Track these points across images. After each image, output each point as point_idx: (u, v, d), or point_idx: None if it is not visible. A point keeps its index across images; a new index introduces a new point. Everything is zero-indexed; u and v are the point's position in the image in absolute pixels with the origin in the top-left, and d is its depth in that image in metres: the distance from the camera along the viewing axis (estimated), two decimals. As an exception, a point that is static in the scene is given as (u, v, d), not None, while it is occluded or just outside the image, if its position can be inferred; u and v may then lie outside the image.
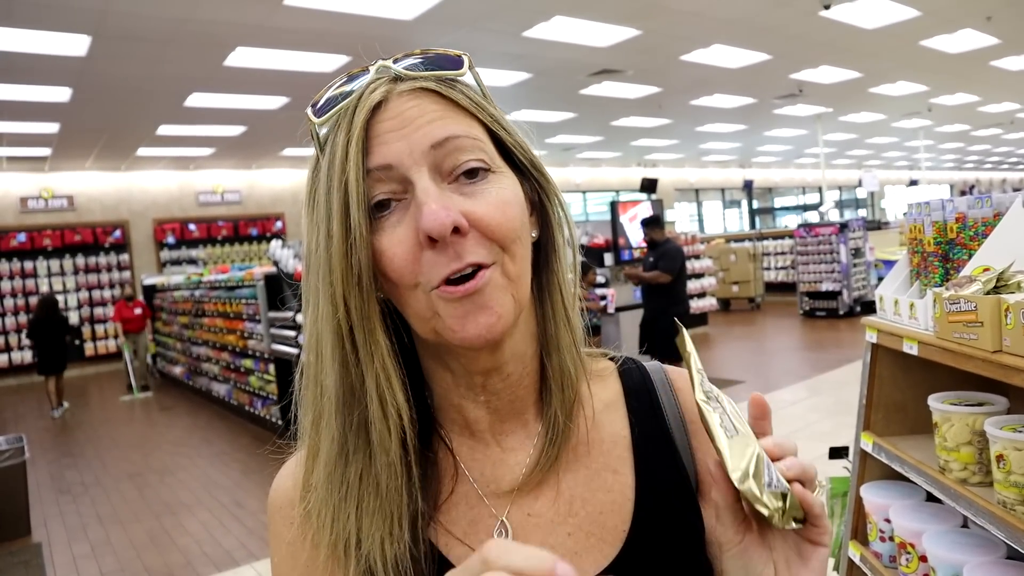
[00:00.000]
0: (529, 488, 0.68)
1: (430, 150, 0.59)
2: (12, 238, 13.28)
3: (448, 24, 7.55)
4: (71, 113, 9.57)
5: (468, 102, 0.63)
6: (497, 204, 0.60)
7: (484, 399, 0.68)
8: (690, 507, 0.70)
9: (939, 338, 1.59)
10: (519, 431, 0.70)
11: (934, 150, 25.00)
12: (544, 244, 0.70)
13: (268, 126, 11.48)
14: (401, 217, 0.60)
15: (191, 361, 10.68)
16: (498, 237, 0.60)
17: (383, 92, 0.61)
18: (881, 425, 2.05)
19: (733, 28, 8.71)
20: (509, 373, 0.67)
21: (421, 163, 0.59)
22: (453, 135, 0.60)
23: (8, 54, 7.06)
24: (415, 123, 0.60)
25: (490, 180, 0.61)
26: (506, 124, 0.66)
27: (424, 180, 0.58)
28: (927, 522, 1.75)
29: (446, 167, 0.60)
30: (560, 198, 0.70)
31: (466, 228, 0.58)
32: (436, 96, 0.62)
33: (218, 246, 15.47)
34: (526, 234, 0.64)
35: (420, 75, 0.62)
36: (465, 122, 0.62)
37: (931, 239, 1.77)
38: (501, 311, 0.60)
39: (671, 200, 22.43)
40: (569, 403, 0.69)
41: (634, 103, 12.65)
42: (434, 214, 0.56)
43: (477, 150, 0.61)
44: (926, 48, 10.42)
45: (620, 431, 0.72)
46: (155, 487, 6.08)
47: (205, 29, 6.99)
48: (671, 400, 0.75)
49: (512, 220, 0.61)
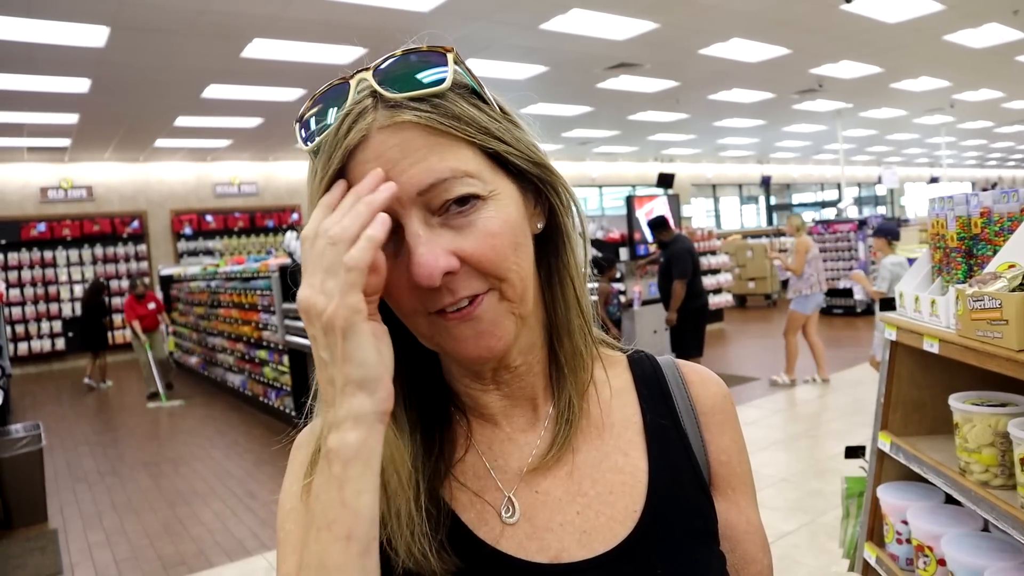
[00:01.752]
0: (542, 468, 0.69)
1: (416, 196, 0.58)
2: (32, 228, 13.42)
3: (464, 16, 7.52)
4: (90, 104, 9.64)
5: (453, 125, 0.59)
6: (486, 238, 0.59)
7: (494, 388, 0.70)
8: (702, 495, 0.71)
9: (961, 336, 1.55)
10: (529, 414, 0.71)
11: (956, 147, 24.68)
12: (552, 232, 0.69)
13: (285, 118, 11.51)
14: (397, 249, 0.59)
15: (206, 352, 10.76)
16: (490, 271, 0.60)
17: (360, 130, 0.58)
18: (899, 424, 2.01)
19: (752, 21, 8.61)
20: (517, 365, 0.69)
21: (408, 207, 0.58)
22: (439, 179, 0.58)
23: (29, 45, 7.12)
24: (399, 166, 0.58)
25: (479, 209, 0.60)
26: (499, 132, 0.62)
27: (414, 224, 0.58)
28: (946, 525, 1.72)
29: (434, 204, 0.59)
30: (566, 186, 0.69)
31: (457, 269, 0.59)
32: (419, 129, 0.58)
33: (235, 237, 15.56)
34: (523, 251, 0.63)
35: (398, 100, 0.59)
36: (451, 153, 0.59)
37: (954, 234, 1.73)
38: (501, 333, 0.62)
39: (688, 195, 22.30)
40: (583, 386, 0.71)
41: (651, 97, 12.57)
42: (423, 267, 0.57)
43: (466, 186, 0.59)
44: (950, 43, 10.26)
45: (631, 416, 0.74)
46: (169, 476, 6.13)
47: (222, 20, 7.01)
48: (682, 392, 0.76)
49: (501, 251, 0.60)
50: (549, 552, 0.66)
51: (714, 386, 0.78)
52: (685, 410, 0.75)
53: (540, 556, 0.65)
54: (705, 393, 0.77)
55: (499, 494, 0.68)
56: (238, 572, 4.19)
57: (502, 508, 0.67)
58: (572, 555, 0.65)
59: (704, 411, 0.75)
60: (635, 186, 21.29)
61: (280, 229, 15.89)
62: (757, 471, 4.54)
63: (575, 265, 0.70)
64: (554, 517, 0.67)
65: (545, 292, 0.70)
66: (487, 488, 0.68)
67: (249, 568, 4.22)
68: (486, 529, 0.66)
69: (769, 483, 4.89)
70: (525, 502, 0.68)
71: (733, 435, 0.76)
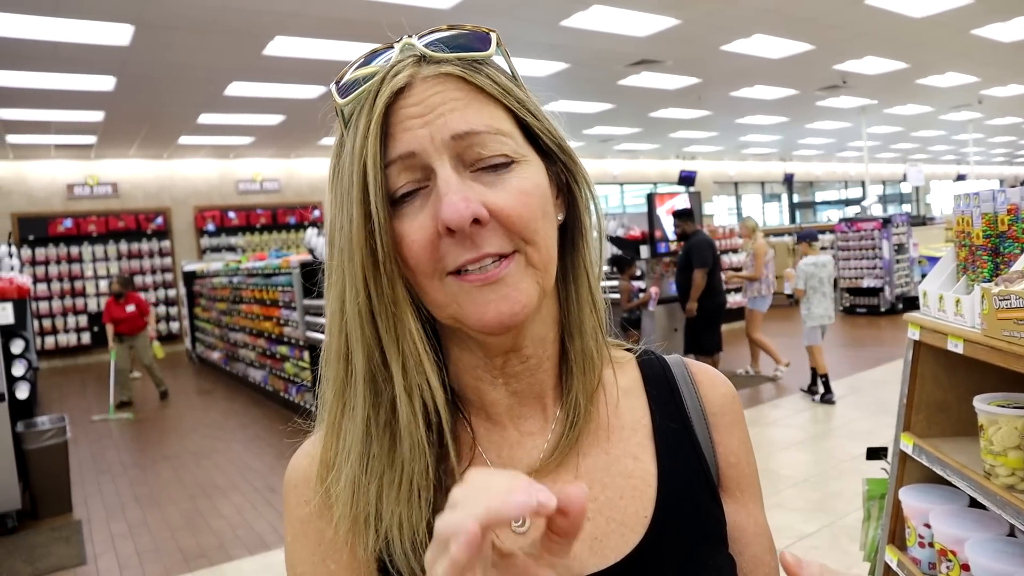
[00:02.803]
0: (547, 472, 0.67)
1: (451, 140, 0.58)
2: (59, 223, 13.62)
3: (485, 13, 7.51)
4: (115, 101, 9.76)
5: (493, 87, 0.61)
6: (518, 195, 0.59)
7: (503, 381, 0.67)
8: (712, 498, 0.70)
9: (987, 336, 1.52)
10: (537, 415, 0.69)
11: (983, 144, 24.27)
12: (571, 227, 0.69)
13: (306, 115, 11.58)
14: (423, 203, 0.59)
15: (228, 347, 10.86)
16: (518, 228, 0.59)
17: (407, 76, 0.60)
18: (922, 426, 1.98)
19: (775, 17, 8.52)
20: (528, 356, 0.67)
21: (443, 152, 0.58)
22: (474, 130, 0.59)
23: (56, 44, 7.22)
24: (437, 110, 0.59)
25: (512, 170, 0.60)
26: (533, 108, 0.64)
27: (445, 169, 0.58)
28: (970, 529, 1.69)
29: (468, 157, 0.59)
30: (588, 181, 0.69)
31: (486, 219, 0.58)
32: (460, 82, 0.60)
33: (257, 234, 15.69)
34: (549, 222, 0.63)
35: (444, 57, 0.61)
36: (488, 110, 0.61)
37: (980, 232, 1.69)
38: (524, 299, 0.60)
39: (709, 193, 22.14)
40: (591, 387, 0.69)
41: (673, 94, 12.48)
42: (453, 205, 0.56)
43: (499, 143, 0.60)
44: (978, 37, 10.08)
45: (640, 418, 0.72)
46: (191, 469, 6.19)
47: (244, 18, 7.07)
48: (691, 392, 0.75)
49: (532, 211, 0.60)
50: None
51: (723, 387, 0.77)
52: (694, 410, 0.74)
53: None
54: (714, 394, 0.76)
55: None
56: (258, 566, 4.22)
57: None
58: (584, 563, 0.64)
59: (713, 411, 0.74)
60: (656, 184, 21.18)
61: (302, 225, 16.00)
62: (777, 472, 4.48)
63: (591, 262, 0.69)
64: None
65: (560, 288, 0.68)
66: None
67: (268, 562, 4.25)
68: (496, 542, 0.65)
69: (789, 484, 4.84)
70: None
71: (741, 436, 0.76)
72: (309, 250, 7.52)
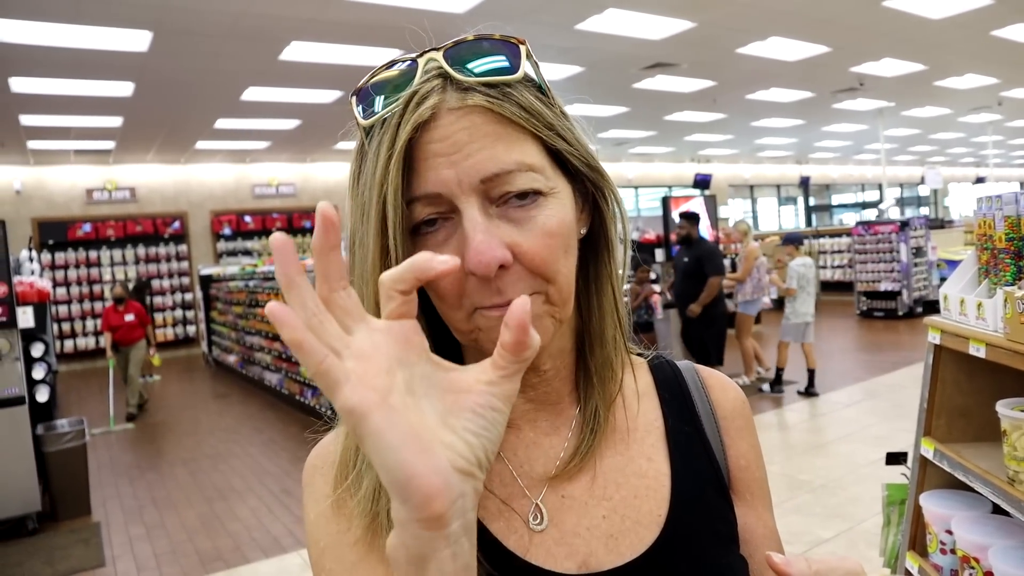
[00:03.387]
0: (567, 475, 0.68)
1: (479, 184, 0.57)
2: (79, 228, 13.78)
3: (500, 17, 7.52)
4: (134, 107, 9.86)
5: (523, 118, 0.59)
6: (543, 237, 0.59)
7: (520, 391, 0.66)
8: (724, 500, 0.72)
9: (1009, 340, 1.50)
10: (553, 418, 0.70)
11: (1003, 146, 24.00)
12: (596, 238, 0.69)
13: (322, 120, 11.65)
14: (448, 237, 0.58)
15: (244, 350, 10.92)
16: (541, 271, 0.59)
17: (431, 107, 0.57)
18: (943, 431, 1.96)
19: (791, 19, 8.47)
20: (546, 370, 0.68)
21: (470, 193, 0.57)
22: (503, 170, 0.57)
23: (76, 50, 7.31)
24: (465, 149, 0.57)
25: (540, 205, 0.59)
26: (562, 131, 0.62)
27: (472, 211, 0.57)
28: (993, 536, 1.66)
29: (495, 194, 0.58)
30: (616, 194, 0.68)
31: (510, 263, 0.57)
32: (488, 115, 0.58)
33: (272, 238, 15.78)
34: (571, 256, 0.63)
35: (471, 83, 0.58)
36: (517, 145, 0.58)
37: (1002, 235, 1.67)
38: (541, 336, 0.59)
39: (725, 196, 22.04)
40: (611, 397, 0.70)
41: (688, 97, 12.44)
42: (479, 255, 0.55)
43: (529, 180, 0.58)
44: (997, 38, 9.97)
45: (653, 420, 0.73)
46: (207, 472, 6.23)
47: (260, 24, 7.12)
48: (702, 396, 0.76)
49: (555, 252, 0.59)
50: (577, 558, 0.65)
51: (733, 391, 0.78)
52: (705, 414, 0.75)
53: (569, 562, 0.65)
54: (725, 398, 0.77)
55: (526, 501, 0.67)
56: (274, 569, 4.24)
57: (530, 515, 0.66)
58: (600, 560, 0.65)
59: (724, 415, 0.76)
60: (671, 187, 21.11)
61: (317, 230, 16.07)
62: (794, 476, 4.44)
63: (615, 274, 0.69)
64: (581, 521, 0.67)
65: (581, 298, 0.69)
66: (514, 495, 0.67)
67: (284, 565, 4.27)
68: (515, 539, 0.65)
69: (807, 489, 4.80)
70: (552, 507, 0.67)
71: (751, 440, 0.77)
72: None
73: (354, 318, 0.42)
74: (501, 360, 0.44)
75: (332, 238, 0.41)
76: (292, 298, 0.40)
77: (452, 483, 0.40)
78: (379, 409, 0.39)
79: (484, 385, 0.44)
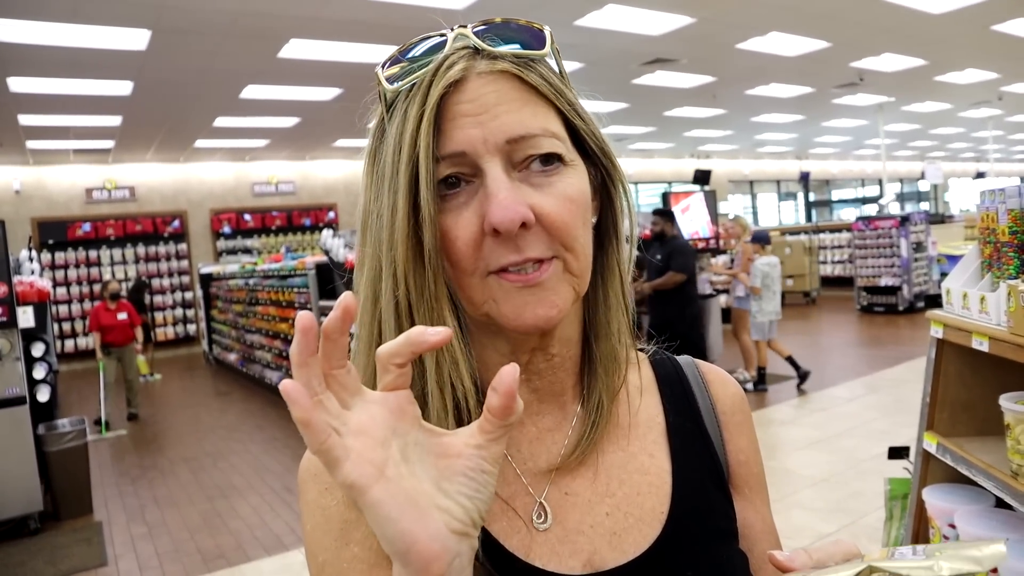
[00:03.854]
0: (568, 469, 0.68)
1: (505, 144, 0.59)
2: (78, 227, 13.78)
3: (499, 13, 7.39)
4: (133, 106, 9.86)
5: (547, 88, 0.61)
6: (564, 201, 0.60)
7: (525, 378, 0.68)
8: (724, 495, 0.72)
9: (1013, 334, 1.50)
10: (556, 412, 0.70)
11: (1003, 141, 23.98)
12: (604, 229, 0.70)
13: (321, 117, 11.64)
14: (468, 199, 0.59)
15: (245, 348, 10.93)
16: (561, 235, 0.60)
17: (461, 69, 0.59)
18: (946, 425, 1.95)
19: (791, 14, 8.46)
20: (554, 355, 0.68)
21: (495, 153, 0.58)
22: (529, 133, 0.59)
23: (73, 50, 7.30)
24: (492, 111, 0.59)
25: (561, 173, 0.61)
26: (581, 111, 0.65)
27: (496, 170, 0.58)
28: (997, 530, 1.66)
29: (518, 157, 0.60)
30: (626, 186, 0.70)
31: (532, 222, 0.58)
32: (515, 80, 0.60)
33: (272, 236, 15.79)
34: (588, 229, 0.64)
35: (500, 53, 0.60)
36: (542, 112, 0.61)
37: (1006, 228, 1.66)
38: (560, 304, 0.61)
39: (724, 192, 22.03)
40: (615, 388, 0.70)
41: (688, 93, 12.43)
42: (504, 209, 0.56)
43: (552, 145, 0.60)
44: (998, 33, 9.96)
45: (655, 416, 0.73)
46: (209, 471, 6.23)
47: (259, 22, 7.11)
48: (703, 391, 0.76)
49: (575, 218, 0.61)
50: (581, 556, 0.65)
51: (732, 387, 0.79)
52: (705, 410, 0.75)
53: (573, 560, 0.64)
54: (725, 393, 0.77)
55: (529, 499, 0.67)
56: (276, 566, 4.24)
57: (533, 514, 0.66)
58: (604, 558, 0.65)
59: (724, 411, 0.76)
60: (671, 183, 21.10)
61: (317, 227, 16.08)
62: (796, 471, 4.44)
63: (624, 266, 0.70)
64: (584, 519, 0.66)
65: (589, 289, 0.68)
66: (516, 494, 0.67)
67: (286, 562, 4.27)
68: (517, 539, 0.65)
69: (808, 484, 4.80)
70: (555, 504, 0.67)
71: (750, 436, 0.77)
72: (325, 251, 7.55)
73: (351, 393, 0.44)
74: (488, 424, 0.45)
75: (345, 325, 0.44)
76: (300, 376, 0.43)
77: (449, 546, 0.43)
78: (377, 482, 0.42)
79: (473, 449, 0.46)
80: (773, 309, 7.50)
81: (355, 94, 10.68)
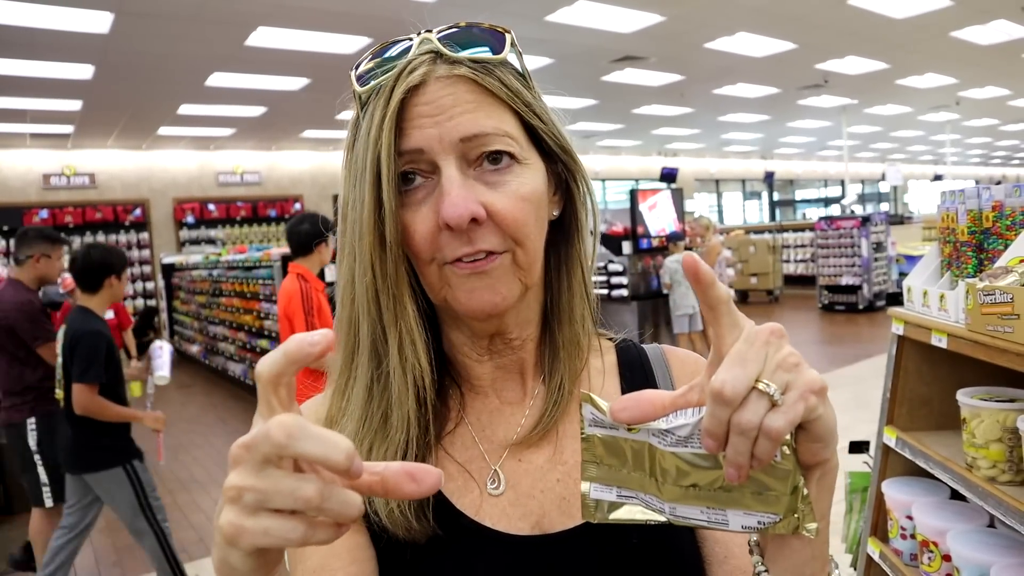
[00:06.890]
0: (529, 443, 0.73)
1: (459, 143, 0.63)
2: (35, 214, 13.39)
3: (470, 7, 7.48)
4: (94, 91, 9.60)
5: (503, 91, 0.65)
6: (515, 199, 0.65)
7: (488, 358, 0.74)
8: None
9: (971, 331, 1.54)
10: (517, 387, 0.75)
11: (960, 144, 24.61)
12: (567, 221, 0.74)
13: (289, 107, 11.47)
14: (426, 196, 0.64)
15: (208, 340, 10.76)
16: (511, 231, 0.64)
17: (422, 74, 0.63)
18: (905, 419, 2.00)
19: (758, 15, 8.57)
20: (513, 338, 0.73)
21: (449, 152, 0.63)
22: (482, 132, 0.63)
23: (32, 30, 7.08)
24: (448, 112, 0.63)
25: (513, 171, 0.65)
26: (539, 111, 0.69)
27: (450, 168, 0.63)
28: (951, 520, 1.71)
29: (473, 155, 0.64)
30: (587, 180, 0.74)
31: (483, 218, 0.63)
32: (472, 84, 0.64)
33: (237, 227, 15.54)
34: (540, 225, 0.68)
35: (458, 58, 0.64)
36: (497, 114, 0.65)
37: (965, 228, 1.71)
38: (506, 293, 0.66)
39: (691, 190, 22.26)
40: (576, 371, 0.74)
41: (656, 91, 12.52)
42: (454, 207, 0.61)
43: (505, 144, 0.65)
44: (957, 39, 10.21)
45: (613, 395, 0.76)
46: (170, 464, 6.13)
47: (227, 8, 6.98)
48: (665, 375, 0.80)
49: (527, 216, 0.65)
50: (531, 518, 0.69)
51: (692, 364, 0.81)
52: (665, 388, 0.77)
53: (522, 523, 0.69)
54: (683, 371, 0.80)
55: (484, 465, 0.72)
56: (238, 560, 4.19)
57: (488, 479, 0.71)
58: (552, 521, 0.69)
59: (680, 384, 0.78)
60: (638, 180, 21.25)
61: (283, 219, 15.87)
62: (759, 465, 4.53)
63: (584, 255, 0.75)
64: (536, 484, 0.71)
65: (552, 277, 0.74)
66: (473, 458, 0.72)
67: (249, 556, 4.22)
68: (468, 500, 0.70)
69: (770, 478, 4.88)
70: (509, 471, 0.71)
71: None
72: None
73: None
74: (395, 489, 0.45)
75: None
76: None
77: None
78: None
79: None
80: (688, 303, 7.80)
81: (323, 84, 10.59)
